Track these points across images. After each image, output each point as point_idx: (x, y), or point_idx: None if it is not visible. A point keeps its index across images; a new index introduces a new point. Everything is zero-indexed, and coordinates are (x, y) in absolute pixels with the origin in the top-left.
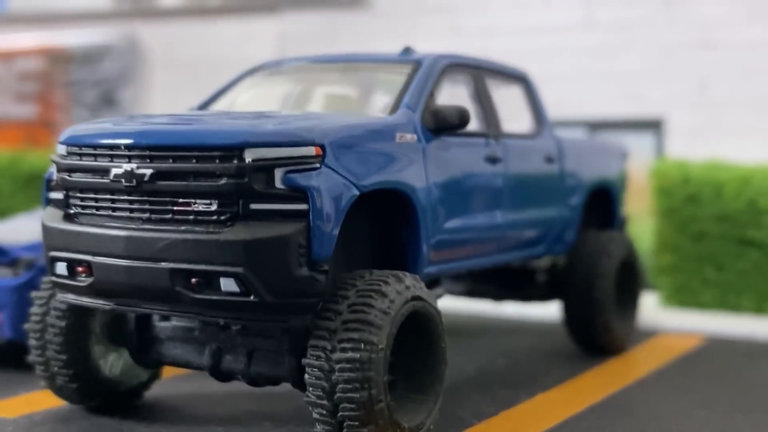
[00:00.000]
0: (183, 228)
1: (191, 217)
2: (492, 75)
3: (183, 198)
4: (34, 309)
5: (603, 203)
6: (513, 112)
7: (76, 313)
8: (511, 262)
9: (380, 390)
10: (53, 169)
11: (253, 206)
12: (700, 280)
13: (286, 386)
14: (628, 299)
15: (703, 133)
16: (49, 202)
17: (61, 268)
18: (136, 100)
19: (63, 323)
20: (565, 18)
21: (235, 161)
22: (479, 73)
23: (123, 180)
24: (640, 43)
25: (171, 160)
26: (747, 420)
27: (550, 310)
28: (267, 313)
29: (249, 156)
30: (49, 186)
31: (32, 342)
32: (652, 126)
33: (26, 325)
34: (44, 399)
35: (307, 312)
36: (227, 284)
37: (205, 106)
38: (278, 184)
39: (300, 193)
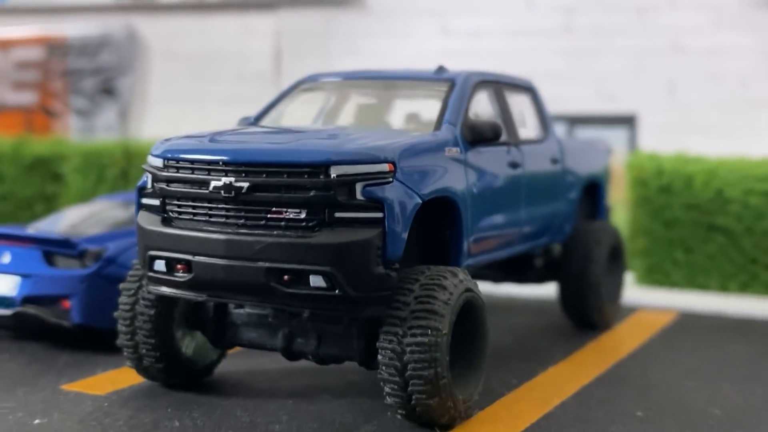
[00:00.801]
0: (275, 233)
1: (282, 223)
2: (508, 87)
3: (275, 207)
4: (123, 299)
5: (591, 195)
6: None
7: (162, 303)
8: (525, 251)
9: (444, 368)
10: (146, 178)
11: (338, 215)
12: (671, 262)
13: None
14: (615, 281)
15: (671, 130)
16: (141, 207)
17: (160, 265)
18: (133, 89)
19: (152, 312)
20: (547, 23)
21: (322, 177)
22: (499, 87)
23: (222, 191)
24: (615, 47)
25: (265, 175)
26: (734, 388)
27: (539, 290)
28: (348, 305)
29: (334, 172)
30: (141, 193)
31: (122, 328)
32: (626, 122)
33: (116, 314)
34: (122, 377)
35: (381, 303)
36: (316, 281)
37: (259, 118)
38: (359, 195)
39: (377, 204)
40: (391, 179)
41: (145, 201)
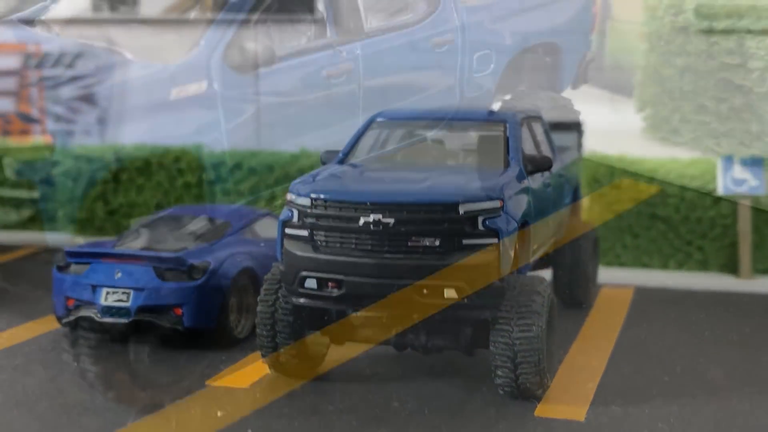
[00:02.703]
0: (415, 257)
1: (420, 249)
2: (532, 119)
3: (414, 236)
4: (263, 308)
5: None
6: None
7: (298, 310)
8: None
9: (544, 354)
10: (291, 213)
11: (465, 242)
12: (620, 245)
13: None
14: (593, 266)
15: (610, 135)
16: (285, 236)
17: (311, 283)
18: (112, 97)
19: (290, 318)
20: None
21: (453, 213)
22: (529, 120)
23: (371, 226)
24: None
25: (405, 212)
26: (721, 350)
27: None
28: (472, 309)
29: (462, 209)
30: (286, 224)
31: (262, 332)
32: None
33: (257, 320)
34: (248, 372)
35: (496, 307)
36: (449, 293)
37: (346, 153)
38: (480, 226)
39: (493, 232)
40: (501, 213)
41: (290, 231)
